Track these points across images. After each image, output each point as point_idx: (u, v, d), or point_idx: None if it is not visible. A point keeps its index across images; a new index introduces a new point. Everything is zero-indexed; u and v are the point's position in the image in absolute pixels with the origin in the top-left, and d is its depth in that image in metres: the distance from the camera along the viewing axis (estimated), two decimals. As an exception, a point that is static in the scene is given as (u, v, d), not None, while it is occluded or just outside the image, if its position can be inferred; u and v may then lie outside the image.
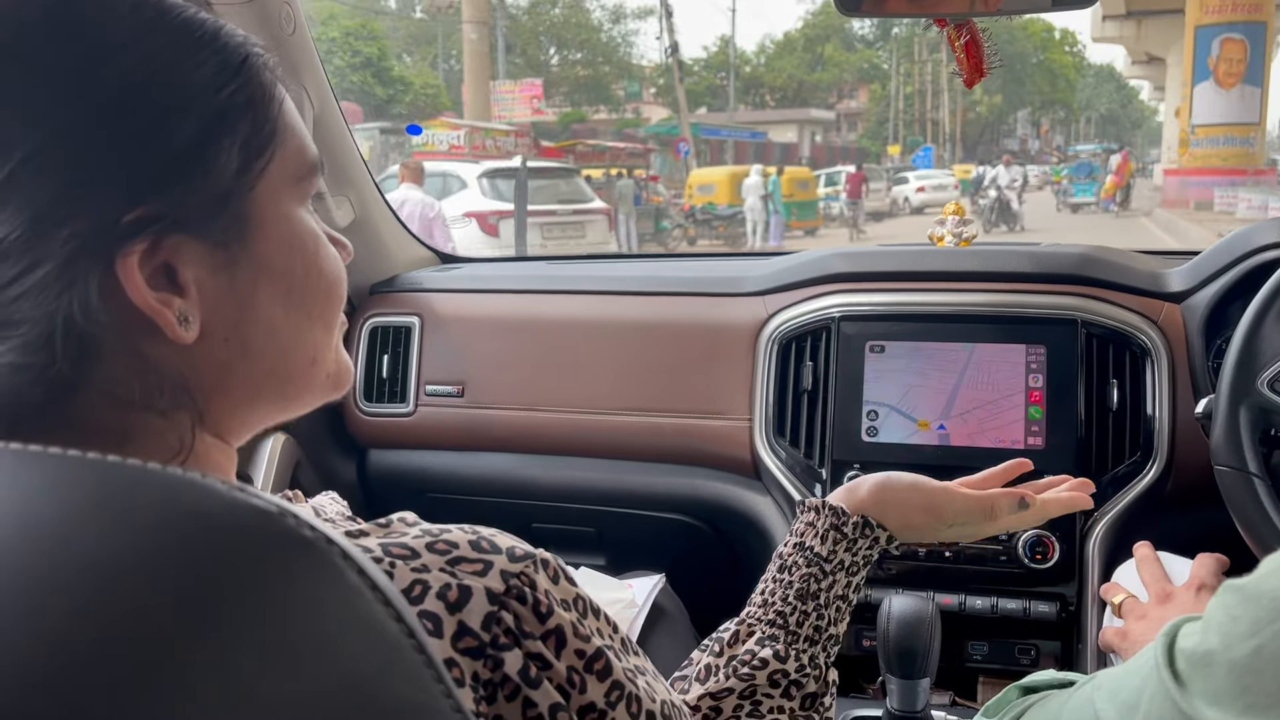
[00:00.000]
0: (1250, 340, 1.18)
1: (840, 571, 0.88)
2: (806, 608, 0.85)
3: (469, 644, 0.53)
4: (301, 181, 0.61)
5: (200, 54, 0.55)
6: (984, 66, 1.33)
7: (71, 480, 0.39)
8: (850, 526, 0.89)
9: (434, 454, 1.82)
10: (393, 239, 1.96)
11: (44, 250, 0.50)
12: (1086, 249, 1.61)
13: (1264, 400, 1.15)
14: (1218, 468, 1.17)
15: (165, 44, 0.54)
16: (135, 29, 0.53)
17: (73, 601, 0.33)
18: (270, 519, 0.38)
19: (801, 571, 0.87)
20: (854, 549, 0.89)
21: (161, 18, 0.55)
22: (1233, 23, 21.98)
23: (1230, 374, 1.18)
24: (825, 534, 0.89)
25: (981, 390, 1.48)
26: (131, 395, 0.54)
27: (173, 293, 0.54)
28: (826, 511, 0.90)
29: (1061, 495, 0.98)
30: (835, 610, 0.87)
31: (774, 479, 1.57)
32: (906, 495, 0.93)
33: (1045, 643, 1.46)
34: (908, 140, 50.00)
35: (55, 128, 0.50)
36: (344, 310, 0.67)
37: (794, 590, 0.86)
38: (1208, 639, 0.63)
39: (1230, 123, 22.24)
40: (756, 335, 1.63)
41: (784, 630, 0.84)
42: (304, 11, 1.54)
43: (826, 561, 0.87)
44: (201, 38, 0.56)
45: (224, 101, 0.55)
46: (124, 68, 0.52)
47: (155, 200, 0.52)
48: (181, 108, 0.54)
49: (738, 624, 0.87)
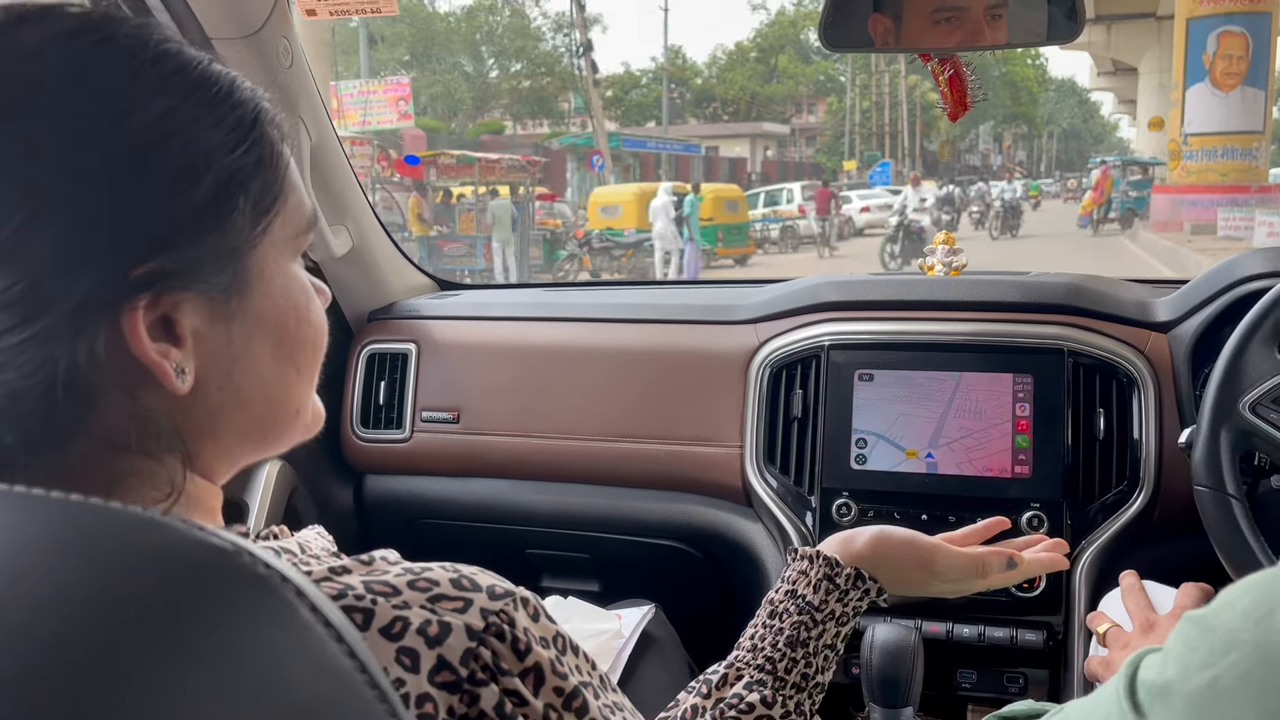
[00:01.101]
0: (1234, 363, 1.19)
1: (830, 621, 0.89)
2: (796, 655, 0.87)
3: (446, 678, 0.54)
4: (298, 237, 0.63)
5: (218, 110, 0.56)
6: (967, 100, 1.35)
7: (35, 518, 0.40)
8: (844, 578, 0.90)
9: (429, 480, 1.84)
10: (390, 266, 1.98)
11: (53, 299, 0.50)
12: (1075, 278, 1.62)
13: (1245, 423, 1.16)
14: (1197, 488, 1.18)
15: (184, 100, 0.55)
16: (157, 84, 0.54)
17: (24, 632, 0.34)
18: (225, 556, 0.39)
19: (793, 619, 0.89)
20: (845, 600, 0.90)
21: (181, 71, 0.56)
22: (1231, 14, 18.50)
23: (1213, 396, 1.19)
24: (818, 584, 0.90)
25: (969, 419, 1.49)
26: (126, 440, 0.55)
27: (170, 343, 0.55)
28: (820, 561, 0.91)
29: (1041, 556, 1.02)
30: (823, 659, 0.89)
31: (765, 506, 1.58)
32: (902, 551, 0.95)
33: (1033, 671, 1.47)
34: (865, 155, 47.59)
35: (74, 180, 0.51)
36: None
37: (784, 637, 0.88)
38: (1166, 670, 0.64)
39: (1230, 131, 18.90)
40: (748, 363, 1.64)
41: (772, 676, 0.86)
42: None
43: (818, 610, 0.89)
44: (218, 93, 0.57)
45: (238, 161, 0.57)
46: (144, 123, 0.53)
47: (166, 256, 0.53)
48: (199, 166, 0.55)
49: (726, 667, 0.88)
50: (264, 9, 1.44)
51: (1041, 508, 1.43)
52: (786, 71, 52.30)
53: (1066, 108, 75.72)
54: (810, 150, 54.12)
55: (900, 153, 49.56)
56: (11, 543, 0.39)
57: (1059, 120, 73.91)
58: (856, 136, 50.64)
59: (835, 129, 51.95)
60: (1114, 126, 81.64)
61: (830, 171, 43.16)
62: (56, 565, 0.37)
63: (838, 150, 49.83)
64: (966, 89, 1.31)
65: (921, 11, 1.35)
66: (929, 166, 53.44)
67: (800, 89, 53.66)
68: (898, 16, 1.37)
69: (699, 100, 52.11)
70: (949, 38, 1.35)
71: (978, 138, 62.61)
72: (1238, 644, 0.60)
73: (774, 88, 52.16)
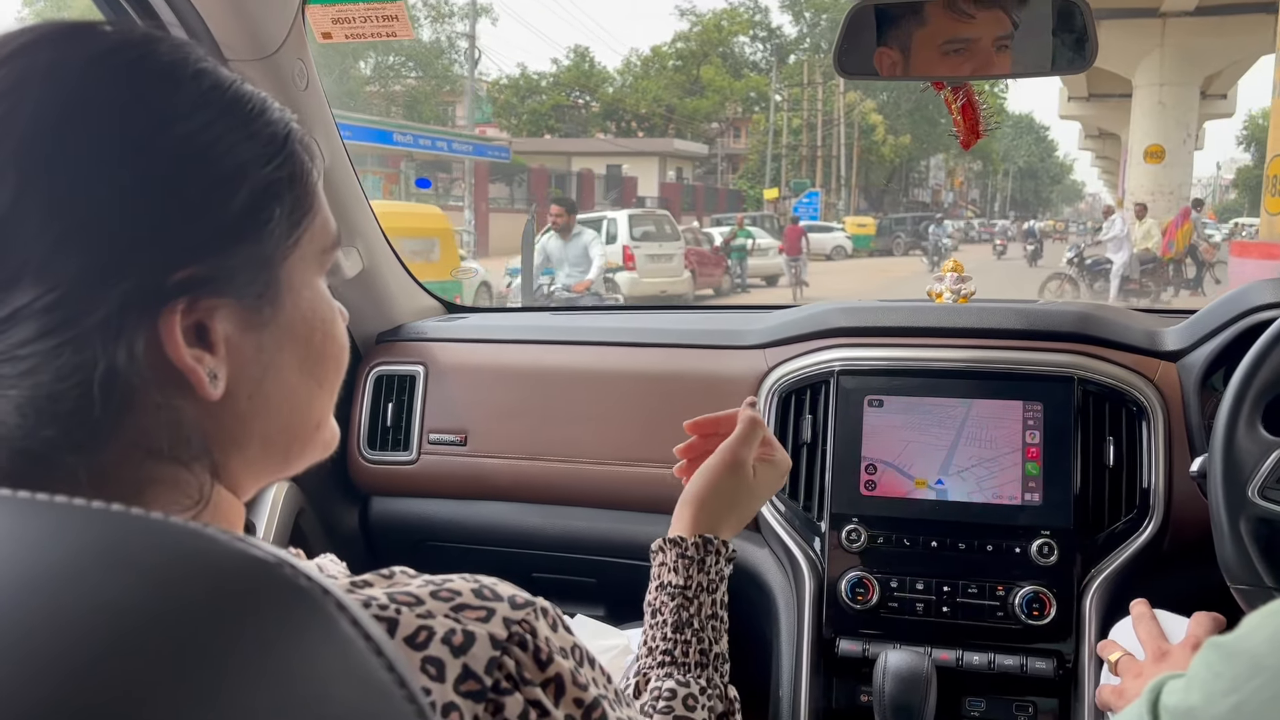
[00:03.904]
0: (1229, 452, 1.19)
1: (703, 593, 0.95)
2: (686, 636, 0.92)
3: (471, 687, 0.55)
4: (325, 253, 0.65)
5: (252, 126, 0.58)
6: (980, 128, 1.37)
7: (77, 528, 0.40)
8: (692, 548, 0.96)
9: (436, 502, 1.84)
10: (399, 288, 1.99)
11: (92, 305, 0.52)
12: (1084, 307, 1.63)
13: (1259, 510, 1.16)
14: (1236, 587, 1.17)
15: (221, 115, 0.57)
16: (195, 98, 0.56)
17: (75, 643, 0.34)
18: (268, 568, 0.39)
19: (670, 606, 0.94)
20: (704, 567, 0.96)
21: (217, 88, 0.58)
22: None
23: (1220, 490, 1.18)
24: (675, 566, 0.96)
25: (980, 447, 1.49)
26: (160, 446, 0.55)
27: (204, 349, 0.56)
28: (669, 545, 0.97)
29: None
30: (712, 630, 0.94)
31: (773, 532, 1.57)
32: (709, 476, 1.02)
33: (1043, 700, 1.46)
34: (792, 183, 40.13)
35: (116, 191, 0.52)
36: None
37: (669, 625, 0.93)
38: (1190, 696, 0.64)
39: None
40: (757, 387, 1.64)
41: (673, 664, 0.91)
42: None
43: (687, 589, 0.94)
44: (251, 110, 0.59)
45: (272, 174, 0.58)
46: (184, 135, 0.55)
47: (203, 262, 0.55)
48: (235, 177, 0.56)
49: (634, 676, 0.92)
50: (281, 32, 1.45)
51: (1051, 535, 1.43)
52: (713, 84, 44.52)
53: (1024, 144, 71.98)
54: (735, 175, 46.47)
55: (835, 181, 44.08)
56: (55, 554, 0.39)
57: (1015, 158, 70.20)
58: (784, 161, 43.81)
59: (762, 151, 43.84)
60: (1069, 168, 79.97)
61: (751, 200, 38.61)
62: (103, 579, 0.37)
63: (765, 175, 42.47)
64: (979, 117, 1.33)
65: (932, 43, 1.36)
66: (871, 200, 48.20)
67: (730, 105, 46.53)
68: (905, 49, 1.38)
69: (609, 112, 44.56)
70: (959, 68, 1.36)
71: (928, 170, 57.75)
72: (1262, 669, 0.61)
73: (697, 102, 44.60)
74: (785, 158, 43.70)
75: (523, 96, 42.16)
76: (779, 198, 35.24)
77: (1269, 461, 1.16)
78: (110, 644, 0.34)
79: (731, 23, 45.82)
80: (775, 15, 72.36)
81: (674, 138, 40.65)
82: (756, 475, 1.04)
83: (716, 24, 45.78)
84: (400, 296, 1.99)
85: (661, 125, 43.52)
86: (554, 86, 43.28)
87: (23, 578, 0.37)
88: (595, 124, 43.74)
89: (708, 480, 1.02)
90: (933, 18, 1.34)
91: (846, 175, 44.22)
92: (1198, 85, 23.80)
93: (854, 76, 1.32)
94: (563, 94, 43.39)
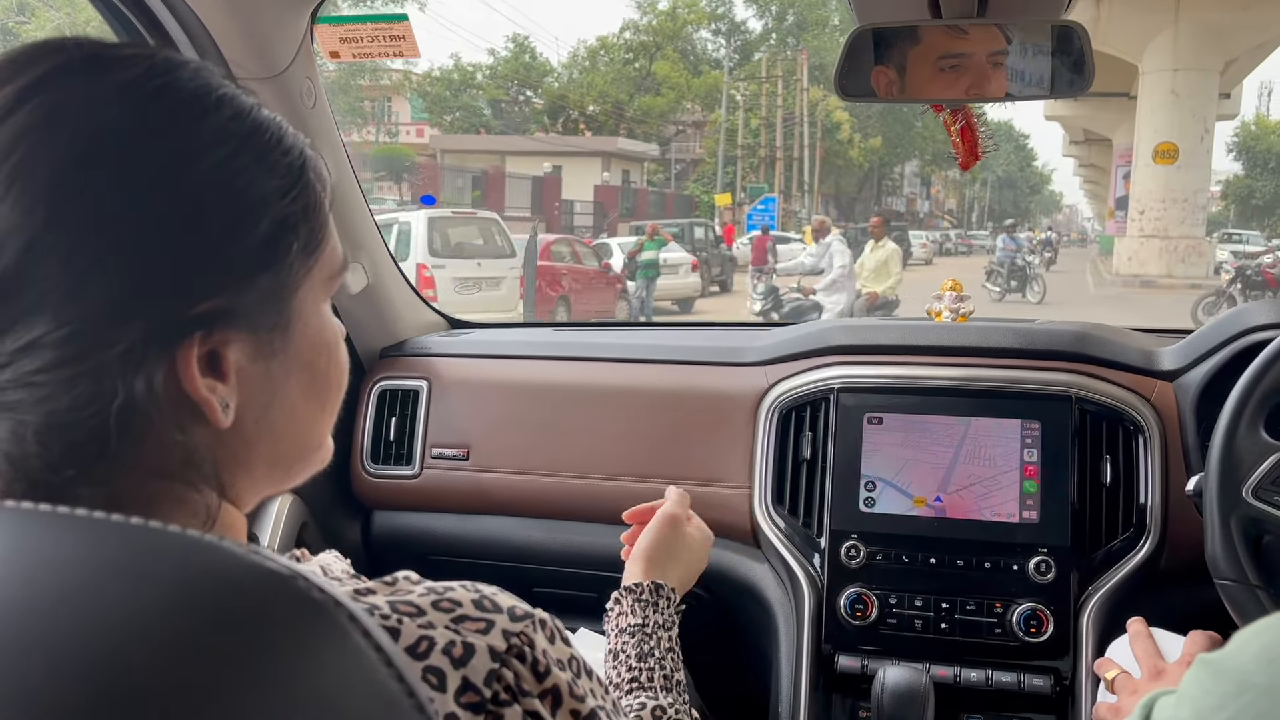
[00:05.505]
0: (1227, 451, 1.20)
1: (660, 629, 1.04)
2: (649, 664, 0.99)
3: (471, 699, 0.56)
4: (332, 279, 0.65)
5: (270, 157, 0.59)
6: (979, 150, 1.38)
7: (97, 541, 0.42)
8: (646, 591, 1.07)
9: (438, 516, 1.84)
10: (403, 303, 2.00)
11: (115, 335, 0.52)
12: (1082, 326, 1.64)
13: (1252, 509, 1.17)
14: (1220, 582, 1.19)
15: (240, 148, 0.57)
16: (217, 130, 0.57)
17: (96, 653, 0.36)
18: (283, 581, 0.41)
19: (630, 643, 1.02)
20: (659, 609, 1.06)
21: (237, 118, 0.58)
22: None
23: (1215, 487, 1.20)
24: (632, 609, 1.06)
25: (978, 465, 1.50)
26: (170, 469, 0.56)
27: (216, 379, 0.57)
28: (624, 594, 1.08)
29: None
30: (672, 660, 1.02)
31: (773, 548, 1.58)
32: (651, 533, 1.18)
33: (1040, 716, 1.46)
34: (749, 188, 35.51)
35: (141, 223, 0.53)
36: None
37: (633, 658, 1.00)
38: (1180, 712, 0.65)
39: None
40: (757, 404, 1.66)
41: (640, 688, 0.97)
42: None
43: (645, 626, 1.04)
44: (269, 140, 0.59)
45: (288, 207, 0.59)
46: (204, 171, 0.55)
47: (223, 296, 0.55)
48: (255, 212, 0.57)
49: None
50: (290, 51, 1.47)
51: (1049, 553, 1.44)
52: (668, 81, 39.31)
53: (1002, 154, 66.93)
54: (691, 179, 41.17)
55: (797, 186, 38.85)
56: (75, 566, 0.40)
57: (993, 166, 66.02)
58: (740, 163, 39.02)
59: (717, 153, 38.31)
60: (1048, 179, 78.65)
61: (704, 207, 33.79)
62: (122, 591, 0.38)
63: (723, 179, 37.93)
64: (978, 139, 1.34)
65: (926, 60, 1.38)
66: (842, 208, 43.77)
67: (686, 105, 41.47)
68: (901, 67, 1.40)
69: (554, 108, 39.42)
70: (955, 85, 1.37)
71: (902, 177, 53.63)
72: (1250, 686, 0.62)
73: (652, 100, 39.50)
74: (742, 160, 39.40)
75: (456, 91, 38.37)
76: (733, 204, 30.61)
77: (1266, 464, 1.17)
78: (131, 655, 0.36)
79: (689, 11, 41.10)
80: (740, 10, 67.41)
81: (618, 136, 36.07)
82: (689, 534, 1.20)
83: (671, 12, 40.73)
84: (404, 311, 2.00)
85: (612, 124, 38.94)
86: (490, 79, 39.22)
87: (43, 590, 0.39)
88: (538, 121, 39.26)
89: (651, 536, 1.17)
90: (927, 34, 1.36)
91: (810, 179, 39.45)
92: (1217, 71, 19.95)
93: (855, 99, 1.34)
94: (498, 87, 39.25)
